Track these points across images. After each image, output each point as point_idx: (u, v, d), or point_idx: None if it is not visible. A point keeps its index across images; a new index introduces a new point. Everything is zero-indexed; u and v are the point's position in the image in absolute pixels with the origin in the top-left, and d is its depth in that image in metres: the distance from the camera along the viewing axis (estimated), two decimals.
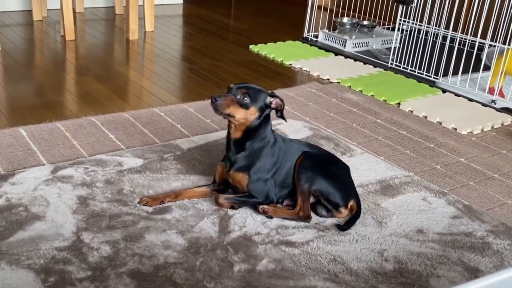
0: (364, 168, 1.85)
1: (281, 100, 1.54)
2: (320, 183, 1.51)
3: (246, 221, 1.49)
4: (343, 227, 1.50)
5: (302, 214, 1.50)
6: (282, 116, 1.56)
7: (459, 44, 2.79)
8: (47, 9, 3.67)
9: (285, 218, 1.51)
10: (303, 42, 3.43)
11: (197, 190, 1.61)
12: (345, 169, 1.63)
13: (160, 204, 1.54)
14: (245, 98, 1.48)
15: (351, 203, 1.54)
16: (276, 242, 1.41)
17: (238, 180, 1.54)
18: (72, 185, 1.60)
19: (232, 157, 1.54)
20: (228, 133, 1.56)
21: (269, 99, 1.52)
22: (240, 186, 1.55)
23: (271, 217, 1.51)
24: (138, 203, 1.54)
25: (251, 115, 1.49)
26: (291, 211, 1.52)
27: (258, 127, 1.52)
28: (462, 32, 2.80)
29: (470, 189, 1.80)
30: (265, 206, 1.51)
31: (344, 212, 1.54)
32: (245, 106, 1.48)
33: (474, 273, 1.36)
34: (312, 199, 1.54)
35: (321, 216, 1.54)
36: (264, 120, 1.53)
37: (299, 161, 1.55)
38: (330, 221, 1.53)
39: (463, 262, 1.39)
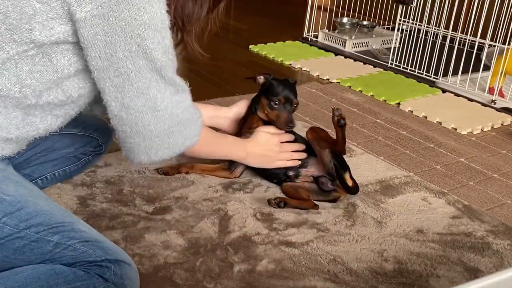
0: (364, 168, 1.85)
1: None
2: None
3: (246, 221, 1.50)
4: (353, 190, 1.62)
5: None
6: None
7: (459, 44, 2.79)
8: None
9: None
10: (303, 42, 3.43)
11: (211, 166, 1.69)
12: None
13: (176, 173, 1.67)
14: None
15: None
16: (276, 242, 1.41)
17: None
18: (72, 186, 1.60)
19: None
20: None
21: None
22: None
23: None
24: (156, 170, 1.67)
25: None
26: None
27: None
28: (462, 32, 2.80)
29: (470, 189, 1.80)
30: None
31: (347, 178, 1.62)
32: None
33: (474, 273, 1.36)
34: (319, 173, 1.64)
35: (326, 189, 1.60)
36: None
37: None
38: (330, 221, 1.53)
39: (463, 262, 1.39)
